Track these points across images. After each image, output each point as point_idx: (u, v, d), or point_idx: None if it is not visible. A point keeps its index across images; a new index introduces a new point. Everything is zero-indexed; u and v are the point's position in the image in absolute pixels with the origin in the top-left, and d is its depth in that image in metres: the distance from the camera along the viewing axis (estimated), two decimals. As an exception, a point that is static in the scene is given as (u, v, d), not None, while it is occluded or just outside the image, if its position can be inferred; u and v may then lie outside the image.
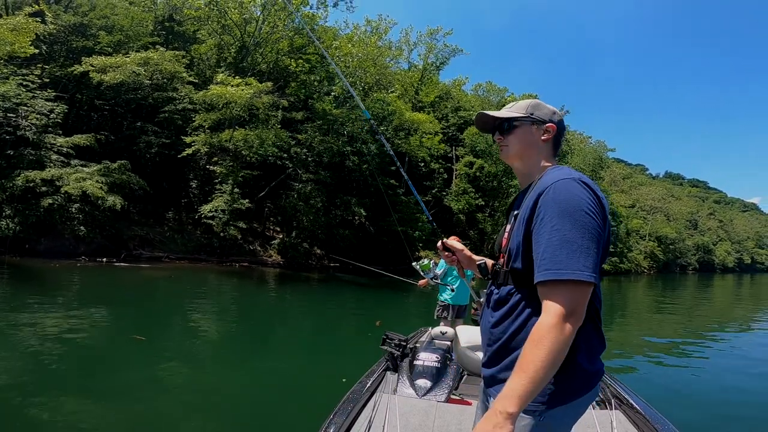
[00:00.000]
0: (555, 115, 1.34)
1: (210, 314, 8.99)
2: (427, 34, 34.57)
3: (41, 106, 15.94)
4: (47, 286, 10.45)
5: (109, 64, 17.52)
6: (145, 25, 22.25)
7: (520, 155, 1.34)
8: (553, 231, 1.06)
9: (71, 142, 16.23)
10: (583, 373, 1.16)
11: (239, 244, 21.05)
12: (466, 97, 39.35)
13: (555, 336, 1.00)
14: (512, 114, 1.35)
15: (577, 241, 1.03)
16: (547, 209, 1.09)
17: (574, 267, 1.02)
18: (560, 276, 1.02)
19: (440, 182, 32.24)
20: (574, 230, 1.04)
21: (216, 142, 19.14)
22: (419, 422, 2.46)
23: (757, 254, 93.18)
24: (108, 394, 4.15)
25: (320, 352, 6.77)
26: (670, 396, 5.41)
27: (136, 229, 18.07)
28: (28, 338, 5.68)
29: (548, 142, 1.32)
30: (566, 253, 1.03)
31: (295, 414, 4.09)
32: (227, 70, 21.96)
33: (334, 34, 28.98)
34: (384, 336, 3.55)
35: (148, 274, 14.14)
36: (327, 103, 23.82)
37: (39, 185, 14.56)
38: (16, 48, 14.90)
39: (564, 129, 1.37)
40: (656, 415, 2.55)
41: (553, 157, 1.34)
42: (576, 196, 1.08)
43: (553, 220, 1.07)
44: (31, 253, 14.52)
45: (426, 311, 13.45)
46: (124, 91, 19.23)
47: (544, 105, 1.36)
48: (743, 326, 13.11)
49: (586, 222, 1.05)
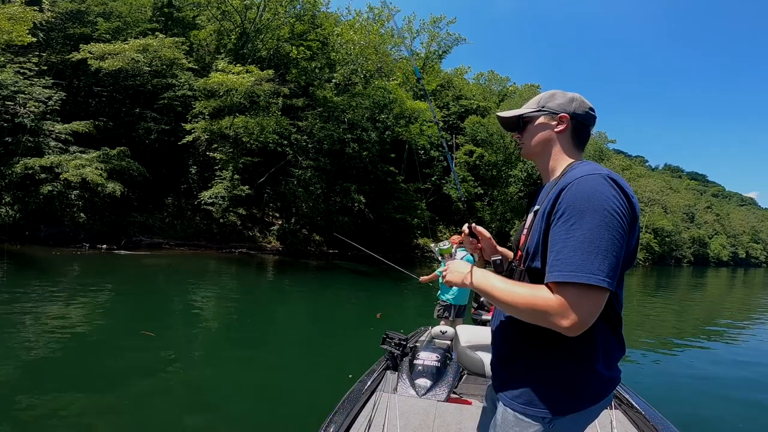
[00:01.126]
0: (572, 104, 1.24)
1: (210, 306, 9.05)
2: (430, 22, 34.17)
3: (39, 93, 15.79)
4: (49, 275, 10.49)
5: (108, 51, 17.30)
6: (144, 11, 21.90)
7: (535, 151, 1.27)
8: (572, 229, 0.98)
9: (70, 129, 16.11)
10: (600, 381, 1.10)
11: (238, 230, 21.12)
12: (468, 86, 39.06)
13: (542, 312, 0.98)
14: (522, 110, 1.30)
15: (596, 242, 0.95)
16: (569, 205, 1.00)
17: (588, 270, 0.94)
18: (572, 279, 0.95)
19: (440, 170, 32.24)
20: (594, 231, 0.96)
21: (216, 129, 19.03)
22: (419, 421, 2.46)
23: (752, 248, 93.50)
24: (107, 387, 4.16)
25: (321, 347, 6.77)
26: (670, 395, 5.42)
27: (136, 215, 18.08)
28: (30, 328, 5.74)
29: (564, 134, 1.23)
30: (583, 254, 0.95)
31: (295, 412, 4.08)
32: (227, 57, 21.72)
33: (336, 20, 28.59)
34: (384, 335, 3.55)
35: (148, 262, 14.19)
36: (328, 91, 23.64)
37: (38, 172, 14.51)
38: (13, 36, 14.68)
39: (587, 117, 1.25)
40: (656, 415, 2.56)
41: (576, 149, 1.24)
42: (601, 194, 0.99)
43: (573, 217, 0.99)
44: (32, 240, 14.54)
45: (423, 301, 13.61)
46: (123, 77, 19.03)
47: (561, 94, 1.26)
48: (739, 321, 13.21)
49: (609, 222, 0.97)
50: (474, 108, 36.09)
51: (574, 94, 1.25)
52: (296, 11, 23.88)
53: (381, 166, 26.28)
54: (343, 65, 25.27)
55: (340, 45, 25.07)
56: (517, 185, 34.79)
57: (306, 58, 23.95)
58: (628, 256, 1.06)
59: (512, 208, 33.44)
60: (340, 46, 25.18)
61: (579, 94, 1.27)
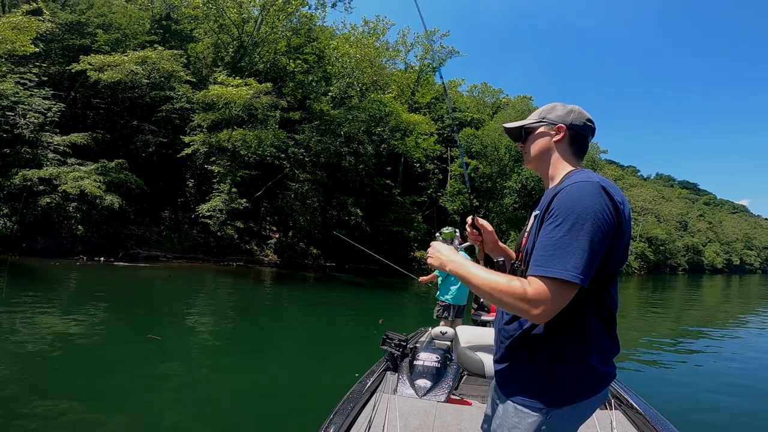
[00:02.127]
0: (570, 115, 1.32)
1: (210, 314, 9.08)
2: (424, 35, 34.75)
3: (38, 104, 15.92)
4: (51, 286, 10.50)
5: (107, 63, 17.50)
6: (143, 23, 22.22)
7: (536, 160, 1.36)
8: (555, 230, 1.07)
9: (68, 141, 16.22)
10: (594, 374, 1.17)
11: (236, 243, 21.13)
12: (462, 98, 39.63)
13: (516, 300, 1.05)
14: (524, 122, 1.38)
15: (574, 242, 1.04)
16: (556, 208, 1.10)
17: (563, 266, 1.03)
18: (548, 273, 1.04)
19: (435, 183, 32.49)
20: (574, 231, 1.05)
21: (215, 142, 19.18)
22: (419, 422, 2.47)
23: (746, 255, 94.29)
24: (107, 395, 4.16)
25: (321, 353, 6.81)
26: (670, 394, 5.45)
27: (133, 228, 18.09)
28: (32, 337, 5.75)
29: (562, 143, 1.31)
30: (561, 252, 1.04)
31: (295, 413, 4.09)
32: (225, 70, 22.00)
33: (331, 33, 29.09)
34: (384, 336, 3.56)
35: (147, 274, 14.18)
36: (324, 104, 23.94)
37: (36, 184, 14.55)
38: (17, 46, 14.87)
39: (586, 128, 1.33)
40: (656, 415, 2.56)
41: (574, 157, 1.32)
42: (587, 199, 1.07)
43: (558, 218, 1.08)
44: (29, 252, 14.52)
45: (421, 310, 13.64)
46: (121, 89, 19.20)
47: (561, 107, 1.35)
48: (737, 325, 13.32)
49: (591, 225, 1.05)
50: (468, 120, 36.59)
51: (573, 107, 1.34)
52: (293, 25, 24.29)
53: (377, 179, 26.50)
54: (339, 78, 25.65)
55: (336, 58, 25.47)
56: (512, 197, 35.07)
57: (302, 71, 24.29)
58: (619, 257, 1.16)
59: (507, 219, 33.66)
60: (336, 60, 25.59)
61: (578, 106, 1.36)
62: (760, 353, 8.92)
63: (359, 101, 25.49)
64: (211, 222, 19.17)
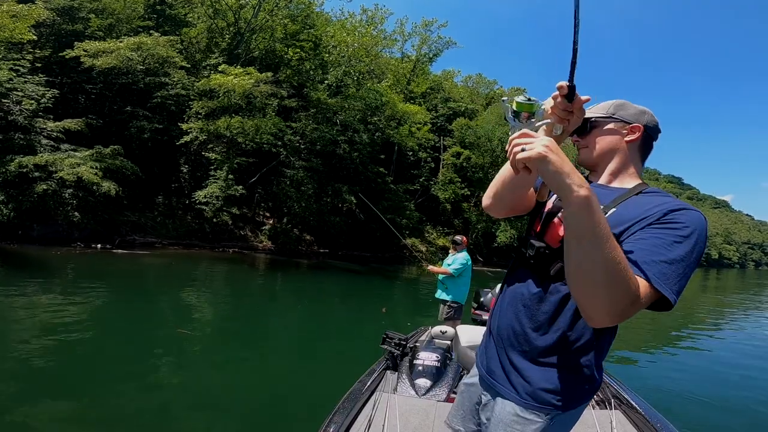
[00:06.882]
0: (644, 116, 1.24)
1: (207, 305, 9.18)
2: (422, 25, 34.62)
3: (32, 90, 15.72)
4: (53, 272, 10.54)
5: (102, 49, 17.25)
6: (136, 8, 21.79)
7: (600, 157, 1.26)
8: (681, 246, 1.01)
9: (62, 126, 16.07)
10: (598, 380, 1.19)
11: (230, 229, 21.28)
12: (456, 88, 39.69)
13: (622, 288, 0.91)
14: (591, 114, 1.26)
15: (690, 268, 1.01)
16: (683, 223, 1.04)
17: (677, 290, 0.99)
18: (664, 291, 0.97)
19: (427, 171, 32.76)
20: (695, 258, 1.02)
21: (213, 130, 19.14)
22: (419, 422, 2.48)
23: (725, 250, 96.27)
24: (102, 390, 4.09)
25: (320, 347, 6.78)
26: (669, 393, 5.49)
27: (128, 214, 18.12)
28: (39, 328, 5.76)
29: (634, 144, 1.24)
30: (682, 274, 1.00)
31: (295, 412, 4.08)
32: (221, 56, 21.79)
33: (327, 19, 28.81)
34: (384, 335, 3.57)
35: (147, 261, 14.30)
36: (321, 92, 23.92)
37: (32, 171, 14.49)
38: (15, 33, 14.63)
39: (656, 131, 1.27)
40: (656, 415, 2.57)
41: (640, 161, 1.27)
42: (705, 235, 1.06)
43: (689, 240, 1.02)
44: (25, 239, 14.51)
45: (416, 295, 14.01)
46: (114, 75, 18.97)
47: (631, 105, 1.26)
48: (721, 320, 13.65)
49: (699, 257, 1.04)
50: (462, 110, 36.72)
51: (645, 108, 1.27)
52: (290, 11, 24.03)
53: (371, 167, 26.70)
54: (336, 67, 25.58)
55: (333, 47, 25.34)
56: (504, 187, 35.35)
57: (298, 58, 24.15)
58: None
59: (498, 210, 34.04)
60: (332, 48, 25.46)
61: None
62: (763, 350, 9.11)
63: (356, 90, 25.49)
64: (207, 208, 19.28)
